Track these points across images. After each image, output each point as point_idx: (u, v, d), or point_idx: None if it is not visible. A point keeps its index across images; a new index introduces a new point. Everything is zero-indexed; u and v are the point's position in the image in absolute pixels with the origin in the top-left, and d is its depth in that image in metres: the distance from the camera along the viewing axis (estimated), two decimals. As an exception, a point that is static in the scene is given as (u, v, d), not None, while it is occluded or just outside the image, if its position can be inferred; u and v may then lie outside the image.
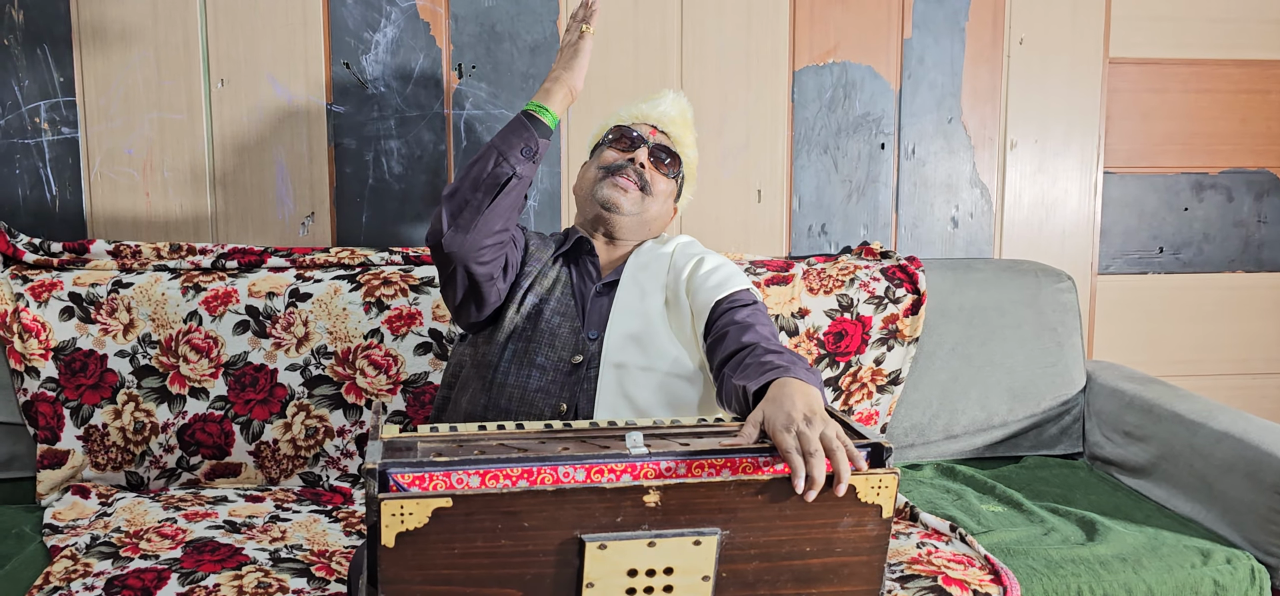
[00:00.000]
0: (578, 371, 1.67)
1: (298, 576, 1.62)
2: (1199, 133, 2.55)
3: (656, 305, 1.74)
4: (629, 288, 1.75)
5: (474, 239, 1.61)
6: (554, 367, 1.67)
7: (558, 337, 1.70)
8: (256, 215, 2.24)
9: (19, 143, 2.15)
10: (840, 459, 1.15)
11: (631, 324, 1.71)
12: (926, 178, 2.46)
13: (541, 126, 1.67)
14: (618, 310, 1.72)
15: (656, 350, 1.69)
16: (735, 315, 1.64)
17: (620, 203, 1.80)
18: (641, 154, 1.83)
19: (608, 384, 1.65)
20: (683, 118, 1.92)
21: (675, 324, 1.73)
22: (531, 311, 1.73)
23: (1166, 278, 2.59)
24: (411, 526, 1.05)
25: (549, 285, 1.77)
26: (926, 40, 2.41)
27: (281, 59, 2.21)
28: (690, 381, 1.69)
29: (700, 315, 1.69)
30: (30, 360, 1.98)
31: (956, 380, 2.26)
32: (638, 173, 1.81)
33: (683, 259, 1.79)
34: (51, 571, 1.61)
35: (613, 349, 1.68)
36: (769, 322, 1.65)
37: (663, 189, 1.86)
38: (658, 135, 1.87)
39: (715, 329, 1.65)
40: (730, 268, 1.76)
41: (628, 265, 1.80)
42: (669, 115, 1.90)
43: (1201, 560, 1.75)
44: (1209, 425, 1.96)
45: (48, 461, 1.99)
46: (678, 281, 1.75)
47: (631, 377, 1.66)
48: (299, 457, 2.06)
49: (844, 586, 1.20)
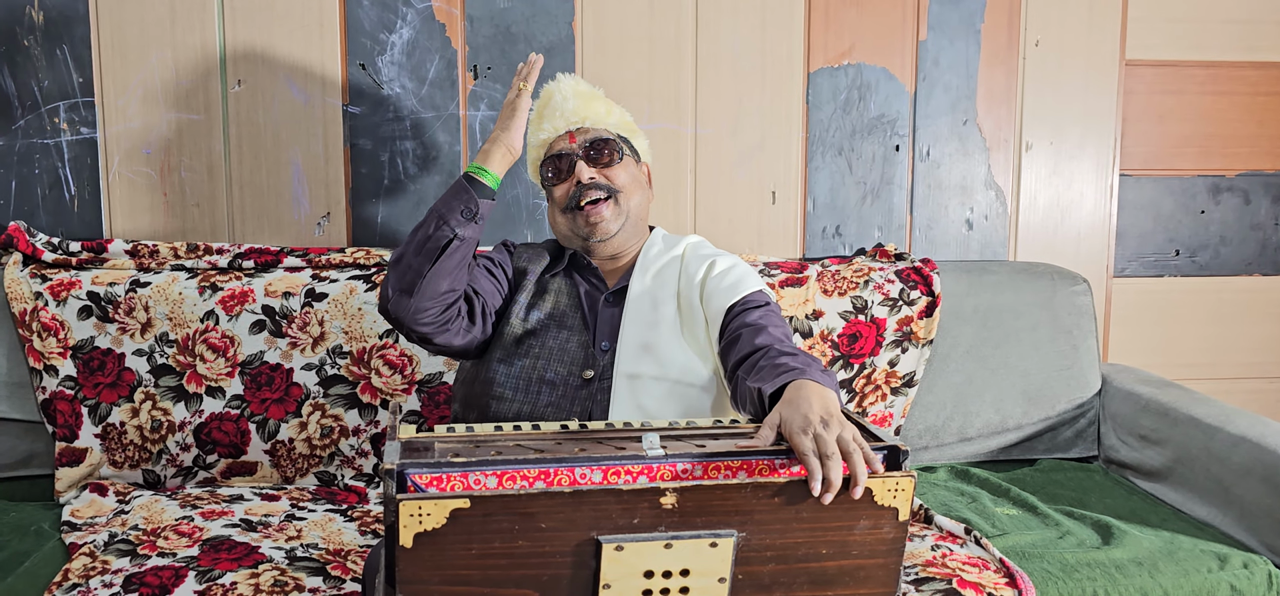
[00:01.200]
0: (589, 385, 1.65)
1: (314, 575, 1.63)
2: (1216, 135, 2.54)
3: (669, 313, 1.71)
4: (641, 298, 1.72)
5: (417, 303, 1.59)
6: (564, 383, 1.65)
7: (567, 353, 1.68)
8: (273, 215, 2.25)
9: (38, 143, 2.17)
10: (857, 462, 1.15)
11: (644, 334, 1.68)
12: (941, 180, 2.45)
13: (482, 188, 1.64)
14: (629, 320, 1.70)
15: (669, 359, 1.66)
16: (748, 317, 1.62)
17: (601, 226, 1.74)
18: (582, 171, 1.74)
19: (621, 395, 1.63)
20: (580, 94, 1.80)
21: (688, 331, 1.70)
22: (537, 327, 1.71)
23: (1183, 281, 2.58)
24: (429, 527, 1.06)
25: (553, 301, 1.75)
26: (941, 42, 2.40)
27: (298, 60, 2.22)
28: (704, 389, 1.68)
29: (714, 321, 1.67)
30: (49, 358, 2.00)
31: (971, 382, 2.25)
32: (596, 187, 1.74)
33: (695, 263, 1.76)
34: (70, 568, 1.63)
35: (625, 360, 1.65)
36: (783, 323, 1.64)
37: (624, 176, 1.77)
38: (578, 137, 1.77)
39: (728, 332, 1.63)
40: (743, 268, 1.74)
41: (636, 271, 1.77)
42: (570, 109, 1.79)
43: (1218, 564, 1.74)
44: (1226, 429, 1.95)
45: (66, 459, 2.01)
46: (691, 287, 1.72)
47: (645, 388, 1.64)
48: (314, 457, 2.07)
49: (860, 589, 1.20)
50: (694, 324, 1.70)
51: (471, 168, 1.67)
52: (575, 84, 1.82)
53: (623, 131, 1.82)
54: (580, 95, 1.80)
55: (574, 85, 1.81)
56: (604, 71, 2.29)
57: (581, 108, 1.79)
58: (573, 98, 1.79)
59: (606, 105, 1.82)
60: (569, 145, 1.76)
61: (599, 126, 1.79)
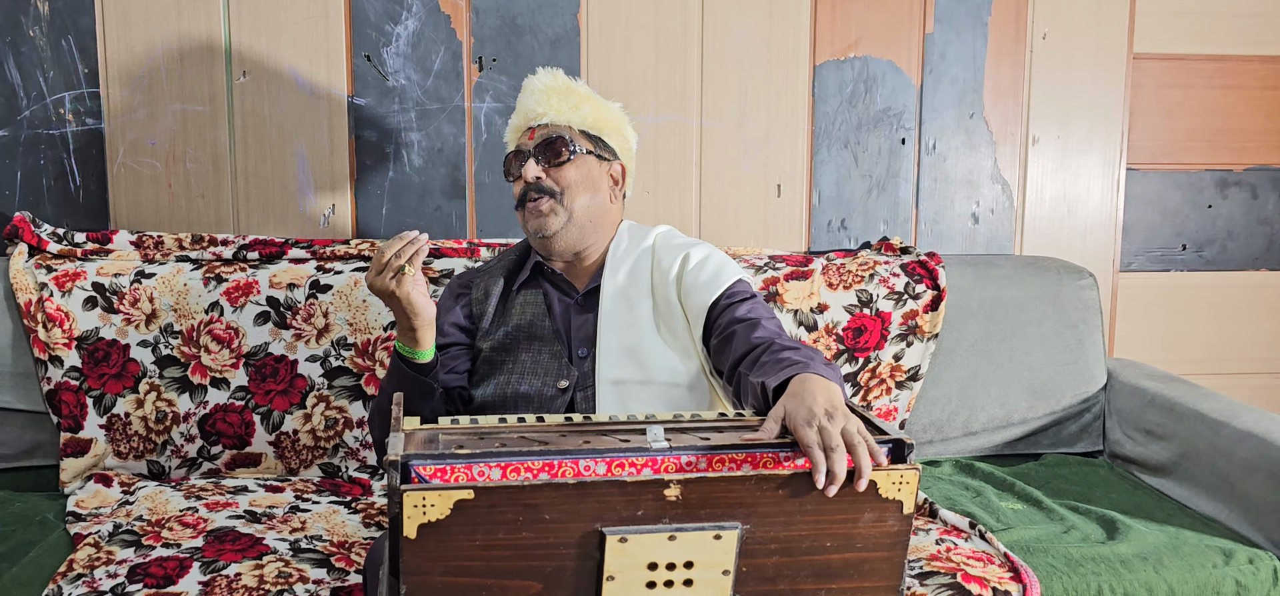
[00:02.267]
0: (565, 394, 1.62)
1: (317, 567, 1.63)
2: (1224, 129, 2.53)
3: (645, 313, 1.67)
4: (615, 300, 1.68)
5: None
6: (540, 395, 1.62)
7: (540, 365, 1.65)
8: (278, 207, 2.25)
9: (43, 133, 2.17)
10: (862, 454, 1.14)
11: (622, 337, 1.64)
12: (947, 173, 2.45)
13: (420, 367, 1.59)
14: (606, 324, 1.65)
15: (652, 360, 1.63)
16: (736, 312, 1.60)
17: (544, 225, 1.68)
18: (529, 169, 1.67)
19: (607, 402, 1.60)
20: (542, 90, 1.73)
21: (666, 329, 1.67)
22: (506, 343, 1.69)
23: (1189, 275, 2.57)
24: (433, 518, 1.06)
25: (519, 314, 1.71)
26: (948, 35, 2.40)
27: (303, 51, 2.21)
28: (690, 389, 1.64)
29: (696, 319, 1.63)
30: (54, 349, 2.00)
31: (976, 377, 2.25)
32: (538, 188, 1.68)
33: (668, 255, 1.70)
34: (75, 558, 1.63)
35: (607, 365, 1.62)
36: (771, 314, 1.61)
37: (575, 177, 1.69)
38: (537, 133, 1.71)
39: (717, 329, 1.60)
40: (718, 257, 1.70)
41: (607, 271, 1.71)
42: (530, 105, 1.73)
43: (1223, 560, 1.74)
44: (1232, 424, 1.95)
45: (71, 450, 2.01)
46: (667, 283, 1.67)
47: (630, 393, 1.61)
48: (319, 448, 2.07)
49: (864, 582, 1.19)
50: (672, 321, 1.66)
51: (401, 349, 1.58)
52: (546, 78, 1.75)
53: (592, 128, 1.74)
54: (542, 90, 1.73)
55: (544, 80, 1.75)
56: (609, 63, 2.29)
57: (540, 103, 1.72)
58: (535, 93, 1.74)
59: (573, 100, 1.74)
60: (526, 142, 1.72)
61: (560, 123, 1.72)
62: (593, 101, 1.77)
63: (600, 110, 1.77)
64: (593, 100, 1.77)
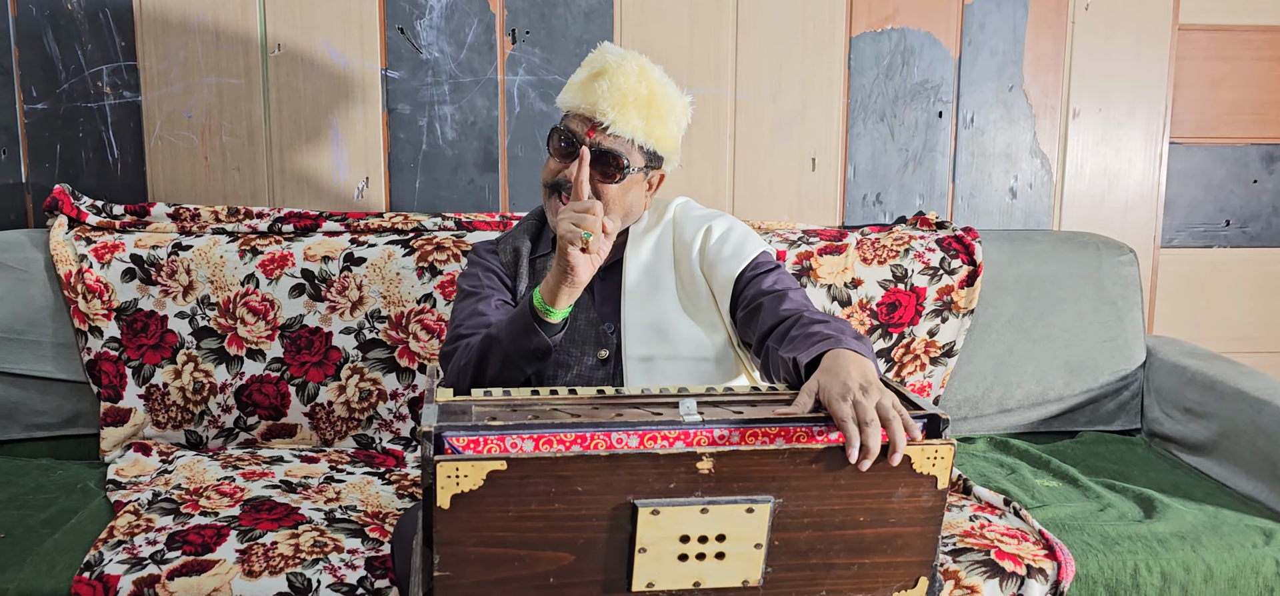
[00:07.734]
0: (606, 366, 1.62)
1: (352, 536, 1.65)
2: (1271, 102, 2.47)
3: (670, 289, 1.65)
4: (640, 277, 1.66)
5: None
6: (579, 364, 1.62)
7: (576, 331, 1.63)
8: (312, 180, 2.26)
9: (82, 107, 2.19)
10: (896, 428, 1.13)
11: (648, 314, 1.63)
12: (985, 147, 2.41)
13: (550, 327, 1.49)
14: (631, 301, 1.64)
15: (679, 336, 1.62)
16: (762, 284, 1.58)
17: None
18: (581, 177, 1.53)
19: (636, 379, 1.59)
20: (635, 103, 1.59)
21: (691, 305, 1.65)
22: None
23: (1232, 251, 2.52)
24: (466, 488, 1.06)
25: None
26: (988, 6, 2.36)
27: (337, 24, 2.22)
28: (717, 361, 1.63)
29: (723, 292, 1.62)
30: (93, 320, 2.03)
31: (1012, 353, 2.22)
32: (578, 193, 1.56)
33: (689, 229, 1.68)
34: (115, 525, 1.65)
35: (633, 342, 1.61)
36: (796, 285, 1.60)
37: (619, 195, 1.62)
38: (597, 135, 1.59)
39: (743, 302, 1.59)
40: (740, 229, 1.68)
41: (629, 246, 1.68)
42: (611, 115, 1.58)
43: (1263, 539, 1.71)
44: (1275, 403, 1.91)
45: (111, 419, 2.04)
46: (689, 257, 1.66)
47: (659, 368, 1.60)
48: (353, 419, 2.09)
49: (897, 556, 1.19)
50: (697, 295, 1.65)
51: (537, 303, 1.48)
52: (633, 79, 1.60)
53: (654, 143, 1.63)
54: (621, 96, 1.59)
55: (629, 81, 1.59)
56: (643, 35, 2.27)
57: (615, 108, 1.58)
58: (616, 94, 1.59)
59: (650, 115, 1.61)
60: (585, 136, 1.60)
61: (624, 136, 1.60)
62: (666, 118, 1.64)
63: (667, 124, 1.65)
64: (667, 117, 1.64)
